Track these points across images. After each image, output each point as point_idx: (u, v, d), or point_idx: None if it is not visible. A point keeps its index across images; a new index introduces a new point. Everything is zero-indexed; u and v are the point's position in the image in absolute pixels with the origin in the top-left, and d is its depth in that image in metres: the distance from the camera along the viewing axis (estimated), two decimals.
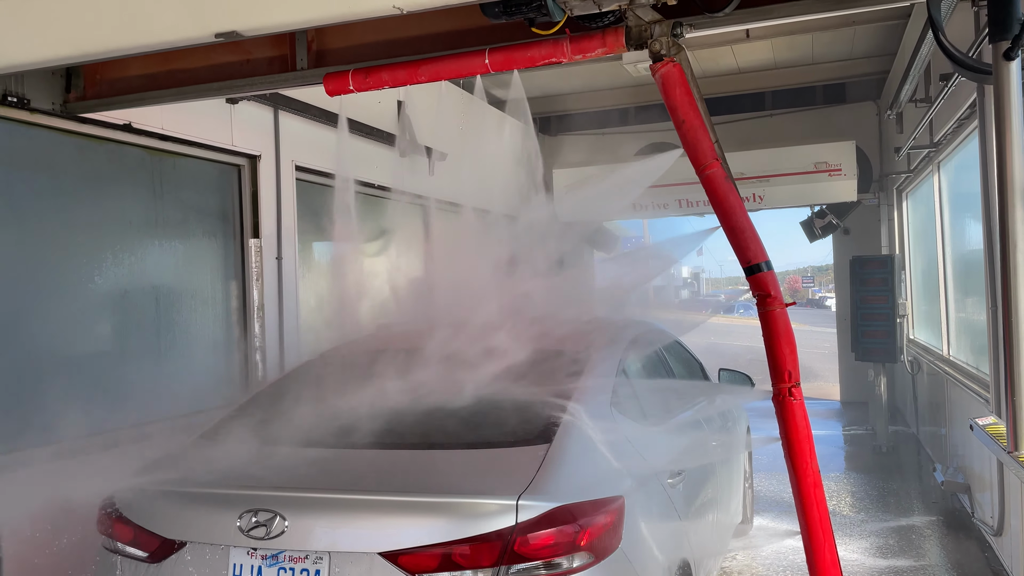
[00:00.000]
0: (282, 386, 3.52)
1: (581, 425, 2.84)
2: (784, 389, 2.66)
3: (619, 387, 3.25)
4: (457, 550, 2.33)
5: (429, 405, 3.32)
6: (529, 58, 3.15)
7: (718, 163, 2.84)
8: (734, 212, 2.80)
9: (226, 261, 5.88)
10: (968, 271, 6.79)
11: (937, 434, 7.62)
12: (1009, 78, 2.46)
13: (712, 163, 2.84)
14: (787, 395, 2.65)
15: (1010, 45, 2.48)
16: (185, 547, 2.56)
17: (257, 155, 5.96)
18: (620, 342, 3.58)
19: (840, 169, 9.75)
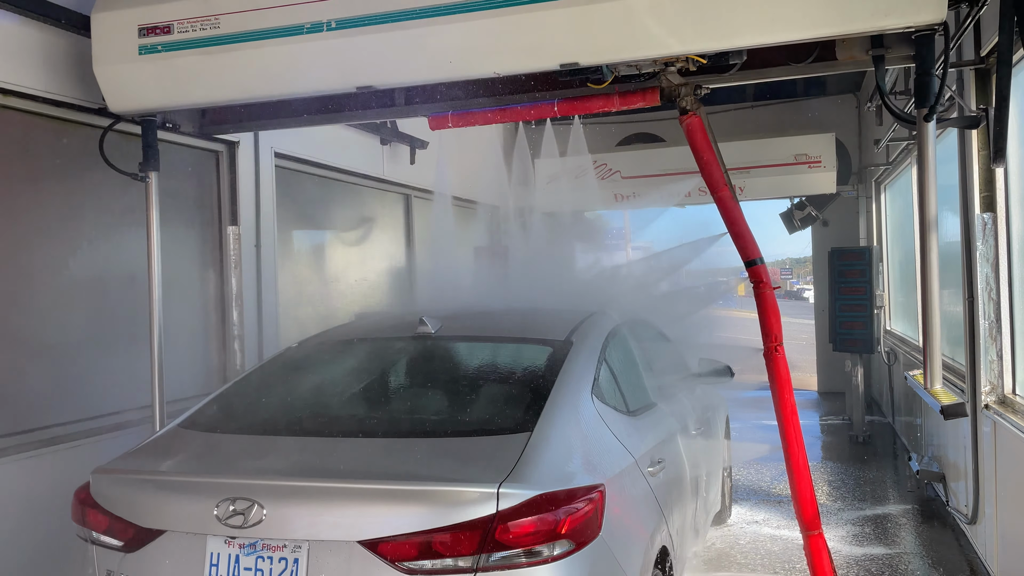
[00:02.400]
0: (260, 374, 3.49)
1: (562, 414, 2.84)
2: (772, 347, 3.61)
3: (600, 376, 3.24)
4: (437, 538, 2.31)
5: (411, 394, 3.31)
6: (587, 106, 3.99)
7: (727, 188, 3.78)
8: (737, 222, 3.74)
9: (204, 249, 5.81)
10: (944, 264, 6.86)
11: (912, 424, 7.72)
12: (927, 131, 3.39)
13: (723, 188, 3.79)
14: (774, 351, 3.61)
15: (928, 111, 3.37)
16: (161, 536, 2.53)
17: (235, 141, 5.88)
18: (601, 331, 3.57)
19: (820, 161, 9.82)
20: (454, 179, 9.51)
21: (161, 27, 4.11)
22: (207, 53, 4.07)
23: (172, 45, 4.11)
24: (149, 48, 4.16)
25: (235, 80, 4.12)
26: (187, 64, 4.11)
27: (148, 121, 4.66)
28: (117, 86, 4.35)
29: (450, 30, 3.66)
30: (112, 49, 4.27)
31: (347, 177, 7.56)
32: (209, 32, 4.03)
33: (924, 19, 3.23)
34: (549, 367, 3.12)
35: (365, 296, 8.12)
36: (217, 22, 4.02)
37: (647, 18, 3.46)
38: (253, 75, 4.06)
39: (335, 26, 3.82)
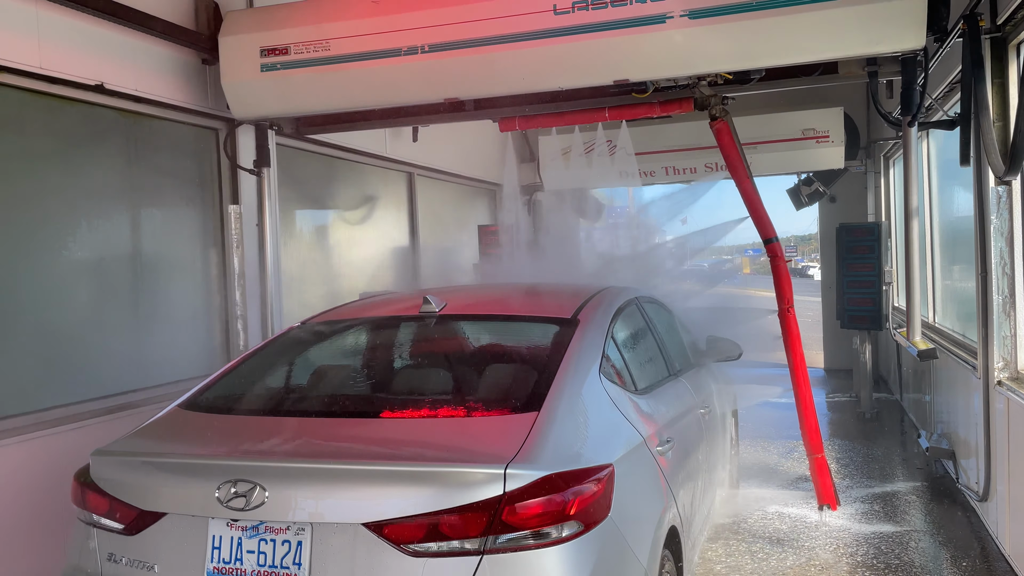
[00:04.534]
0: (262, 355, 3.43)
1: (570, 392, 2.77)
2: (785, 309, 4.80)
3: (608, 354, 3.18)
4: (444, 520, 2.26)
5: (416, 374, 3.25)
6: (633, 112, 4.94)
7: (749, 180, 4.81)
8: (757, 207, 4.79)
9: (205, 228, 5.74)
10: (956, 239, 6.77)
11: (921, 401, 7.66)
12: (910, 135, 4.55)
13: (746, 180, 4.82)
14: (787, 312, 4.80)
15: (911, 118, 4.43)
16: (162, 519, 2.48)
17: (234, 119, 5.79)
18: (608, 309, 3.50)
19: (828, 136, 9.67)
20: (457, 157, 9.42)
21: (280, 49, 4.88)
22: (319, 71, 4.83)
23: (289, 64, 4.88)
24: (270, 66, 4.93)
25: (342, 93, 4.90)
26: (301, 80, 4.88)
27: (260, 126, 5.60)
28: (241, 97, 5.14)
29: (524, 53, 4.41)
30: (238, 66, 5.04)
31: (349, 155, 7.47)
32: (321, 53, 4.80)
33: (908, 46, 4.05)
34: (556, 346, 3.06)
35: (368, 275, 8.06)
36: (328, 45, 4.79)
37: (688, 45, 4.22)
38: (357, 89, 4.84)
39: (428, 49, 4.57)
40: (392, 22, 4.64)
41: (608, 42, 4.28)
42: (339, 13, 4.81)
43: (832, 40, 4.08)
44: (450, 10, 4.53)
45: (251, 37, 4.97)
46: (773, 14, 4.06)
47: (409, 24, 4.61)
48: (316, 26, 4.82)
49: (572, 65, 4.42)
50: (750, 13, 4.07)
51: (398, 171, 8.58)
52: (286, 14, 5.00)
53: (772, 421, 8.12)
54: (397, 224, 8.69)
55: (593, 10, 4.28)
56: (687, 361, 4.62)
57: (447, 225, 10.04)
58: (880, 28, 4.02)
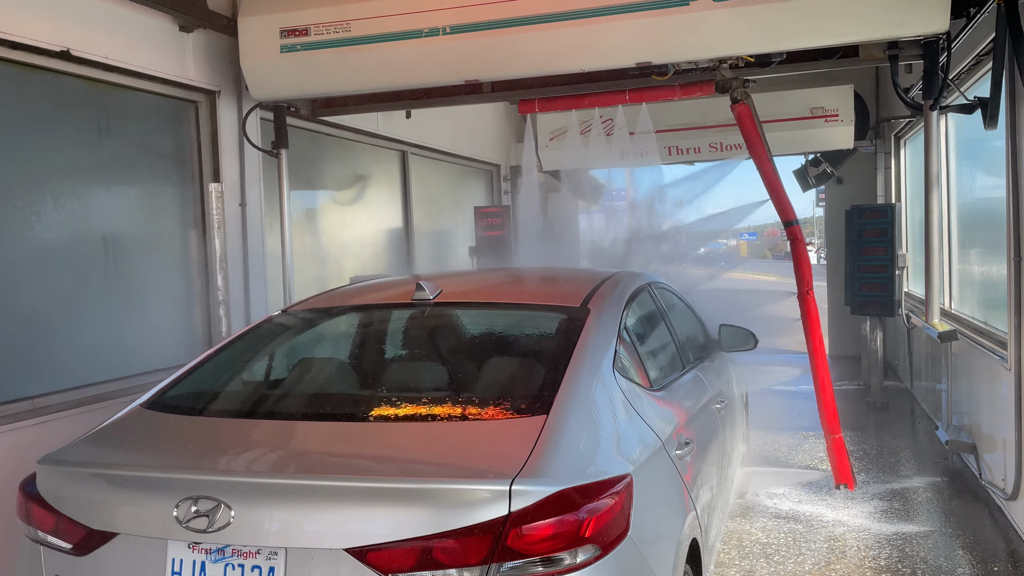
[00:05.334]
0: (238, 346, 3.09)
1: (581, 392, 2.45)
2: (805, 291, 4.78)
3: (622, 346, 2.86)
4: (438, 545, 1.93)
5: (407, 371, 2.92)
6: (654, 95, 4.89)
7: (770, 163, 4.74)
8: (778, 190, 4.76)
9: (184, 207, 5.39)
10: (975, 222, 6.45)
11: (934, 389, 7.37)
12: (931, 118, 4.48)
13: (767, 163, 4.74)
14: (807, 294, 4.78)
15: (932, 101, 4.42)
16: (115, 539, 2.15)
17: (216, 91, 5.43)
18: (621, 297, 3.17)
19: (837, 114, 9.29)
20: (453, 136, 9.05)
21: (300, 30, 4.83)
22: (340, 52, 4.79)
23: (310, 45, 4.83)
24: (290, 47, 4.89)
25: (362, 74, 4.86)
26: (322, 61, 4.85)
27: (279, 107, 5.54)
28: (261, 78, 5.08)
29: (546, 35, 4.40)
30: (257, 47, 4.98)
31: (338, 132, 7.10)
32: (342, 35, 4.76)
33: (931, 29, 4.02)
34: (564, 338, 2.73)
35: (359, 258, 7.71)
36: (348, 26, 4.74)
37: (711, 27, 4.21)
38: (378, 70, 4.81)
39: (449, 31, 4.54)
40: (414, 3, 4.62)
41: (632, 24, 4.26)
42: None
43: (855, 23, 4.07)
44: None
45: (271, 18, 4.91)
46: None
47: (431, 5, 4.58)
48: (337, 7, 4.77)
49: (595, 47, 4.38)
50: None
51: (391, 149, 8.22)
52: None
53: (782, 410, 7.83)
54: (390, 205, 8.33)
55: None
56: (701, 351, 4.30)
57: (442, 206, 9.68)
58: (904, 11, 3.99)
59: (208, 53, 5.33)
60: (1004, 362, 4.72)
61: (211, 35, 5.31)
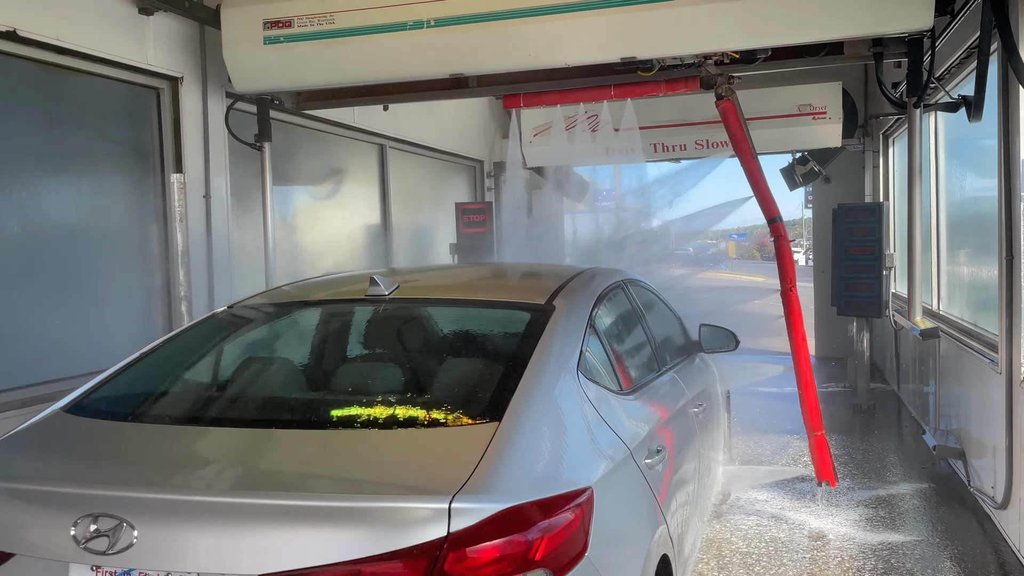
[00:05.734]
0: (173, 345, 2.86)
1: (539, 397, 2.24)
2: (788, 288, 4.78)
3: (588, 347, 2.65)
4: (368, 570, 1.72)
5: (351, 373, 2.70)
6: (639, 91, 4.90)
7: (754, 160, 4.75)
8: (762, 187, 4.78)
9: (143, 199, 5.16)
10: (964, 222, 6.29)
11: (921, 392, 7.21)
12: (915, 115, 4.59)
13: (751, 160, 4.74)
14: (790, 291, 4.78)
15: (916, 99, 4.53)
16: (11, 560, 1.93)
17: (178, 77, 5.20)
18: (590, 294, 2.96)
19: (825, 112, 9.13)
20: (434, 130, 8.84)
21: (283, 21, 4.79)
22: (323, 44, 4.74)
23: (293, 37, 4.79)
24: (273, 39, 4.84)
25: (346, 67, 4.82)
26: (305, 53, 4.80)
27: (262, 99, 5.50)
28: (243, 70, 5.01)
29: (531, 28, 4.37)
30: (240, 39, 4.93)
31: (314, 124, 6.88)
32: (326, 27, 4.71)
33: (915, 26, 4.04)
34: (525, 338, 2.52)
35: (334, 253, 7.49)
36: (332, 18, 4.68)
37: (696, 22, 4.20)
38: (362, 63, 4.76)
39: (434, 24, 4.50)
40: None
41: (617, 18, 4.25)
42: None
43: (839, 19, 4.08)
44: None
45: (254, 9, 4.86)
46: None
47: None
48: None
49: (579, 42, 4.38)
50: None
51: (368, 143, 7.99)
52: None
53: (767, 411, 7.66)
54: (367, 200, 8.11)
55: None
56: (680, 352, 4.11)
57: (422, 202, 9.47)
58: (888, 8, 3.98)
59: (171, 37, 5.11)
60: (994, 365, 4.55)
61: (174, 18, 5.09)
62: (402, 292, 2.89)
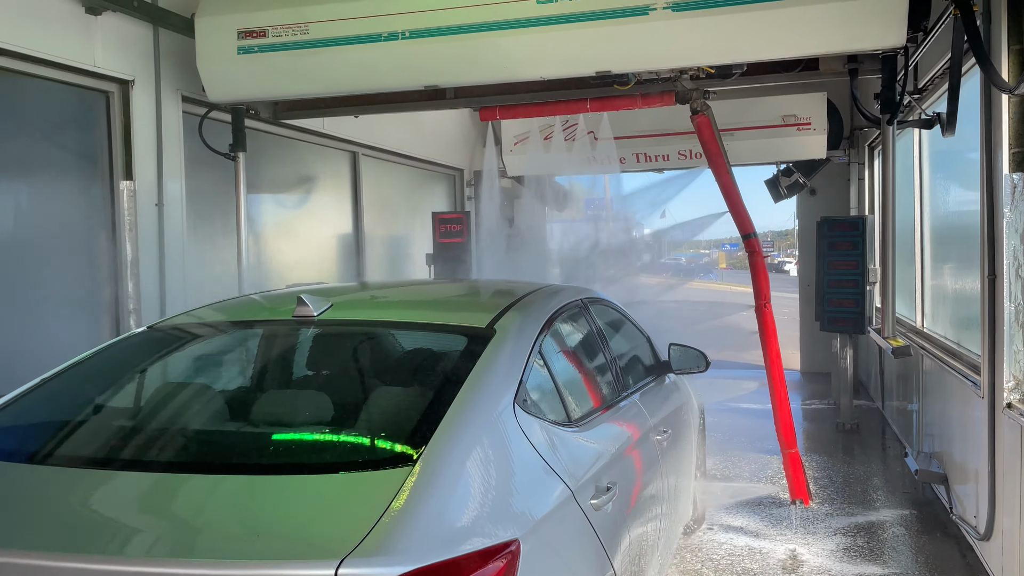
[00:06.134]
0: (75, 372, 2.59)
1: (466, 434, 2.02)
2: (762, 304, 4.81)
3: (530, 377, 2.42)
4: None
5: (259, 405, 2.45)
6: (614, 104, 4.95)
7: (728, 175, 4.81)
8: (736, 202, 4.81)
9: (90, 207, 4.92)
10: (950, 236, 6.10)
11: (905, 410, 7.01)
12: (889, 132, 4.57)
13: (725, 174, 4.81)
14: (763, 307, 4.80)
15: (889, 117, 4.46)
16: None
17: (129, 80, 4.97)
18: (539, 315, 2.74)
19: (809, 123, 8.98)
20: (409, 137, 8.62)
21: (258, 31, 4.76)
22: (297, 55, 4.73)
23: (267, 47, 4.76)
24: (247, 49, 4.80)
25: (320, 77, 4.81)
26: (279, 63, 4.78)
27: (237, 109, 5.43)
28: (217, 80, 4.98)
29: (506, 41, 4.36)
30: (214, 49, 4.88)
31: (282, 130, 6.65)
32: (300, 37, 4.69)
33: (888, 43, 4.05)
34: (457, 367, 2.29)
35: (304, 264, 7.25)
36: (307, 28, 4.67)
37: (670, 37, 4.20)
38: (336, 74, 4.76)
39: (408, 35, 4.49)
40: (373, 7, 4.56)
41: (591, 33, 4.25)
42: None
43: (812, 36, 4.10)
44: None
45: (228, 19, 4.82)
46: (754, 8, 4.05)
47: (390, 9, 4.52)
48: (295, 9, 4.70)
49: (554, 55, 4.38)
50: (732, 7, 4.07)
51: (339, 150, 7.77)
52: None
53: (744, 430, 7.44)
54: (338, 209, 7.87)
55: (576, 0, 4.23)
56: (646, 373, 3.89)
57: (398, 211, 9.24)
58: (860, 25, 3.99)
59: (121, 38, 4.88)
60: (977, 388, 4.35)
61: (124, 19, 4.86)
62: (334, 312, 2.66)
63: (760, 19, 4.07)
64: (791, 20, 4.05)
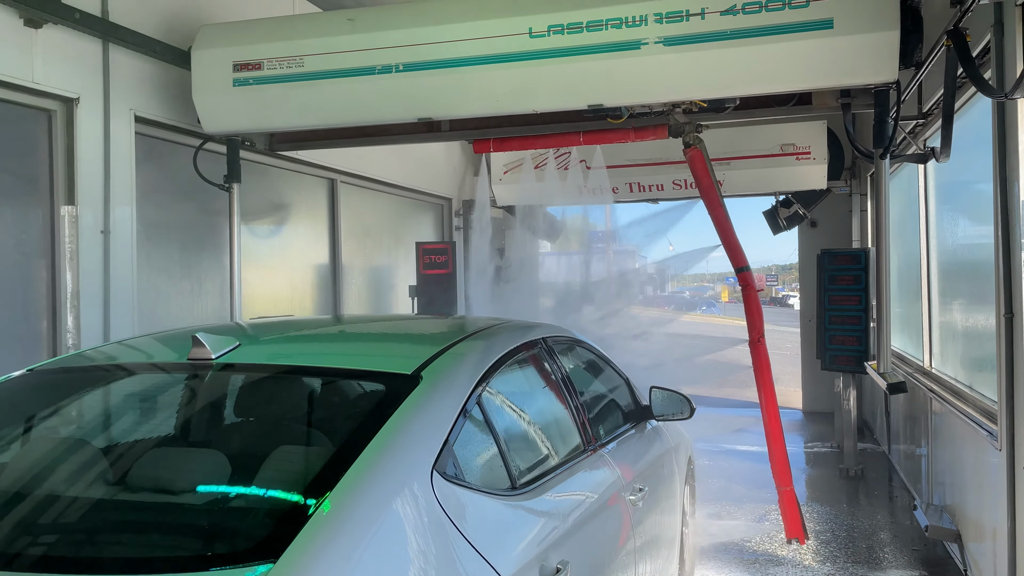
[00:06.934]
0: None
1: (357, 515, 1.60)
2: (756, 339, 4.72)
3: (462, 435, 2.01)
4: None
5: (110, 474, 2.01)
6: (608, 138, 4.96)
7: (721, 208, 4.76)
8: (729, 235, 4.75)
9: (26, 234, 4.54)
10: (960, 271, 5.70)
11: (913, 455, 6.55)
12: (883, 166, 4.54)
13: (718, 208, 4.76)
14: (757, 342, 4.71)
15: (882, 151, 4.43)
16: None
17: (74, 98, 4.62)
18: (483, 359, 2.32)
19: (809, 152, 8.62)
20: (393, 165, 8.28)
21: (253, 64, 4.79)
22: (292, 87, 4.77)
23: (262, 79, 4.79)
24: (242, 81, 4.83)
25: (315, 110, 4.83)
26: (274, 95, 4.81)
27: (232, 141, 5.47)
28: (212, 112, 5.01)
29: (499, 75, 4.41)
30: (209, 81, 4.91)
31: (255, 156, 6.29)
32: (295, 70, 4.74)
33: (880, 79, 4.07)
34: (365, 424, 1.87)
35: (274, 296, 6.86)
36: (302, 61, 4.71)
37: (662, 72, 4.22)
38: (330, 106, 4.79)
39: (402, 68, 4.55)
40: (367, 40, 4.61)
41: (583, 67, 4.29)
42: (314, 30, 4.75)
43: (804, 71, 4.11)
44: (425, 30, 4.50)
45: (224, 51, 4.87)
46: (745, 43, 4.06)
47: (384, 43, 4.57)
48: (290, 42, 4.75)
49: (547, 89, 4.42)
50: (724, 42, 4.08)
51: (316, 177, 7.42)
52: (261, 29, 4.93)
53: (741, 475, 6.97)
54: (313, 238, 7.50)
55: (568, 34, 4.27)
56: (622, 421, 3.47)
57: (380, 241, 8.87)
58: (852, 60, 4.00)
59: (65, 54, 4.54)
60: (993, 439, 3.91)
61: (68, 32, 4.53)
62: (238, 354, 2.25)
63: (751, 54, 4.07)
64: (782, 55, 4.04)
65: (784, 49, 4.02)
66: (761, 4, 4.05)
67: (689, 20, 4.13)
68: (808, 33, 3.96)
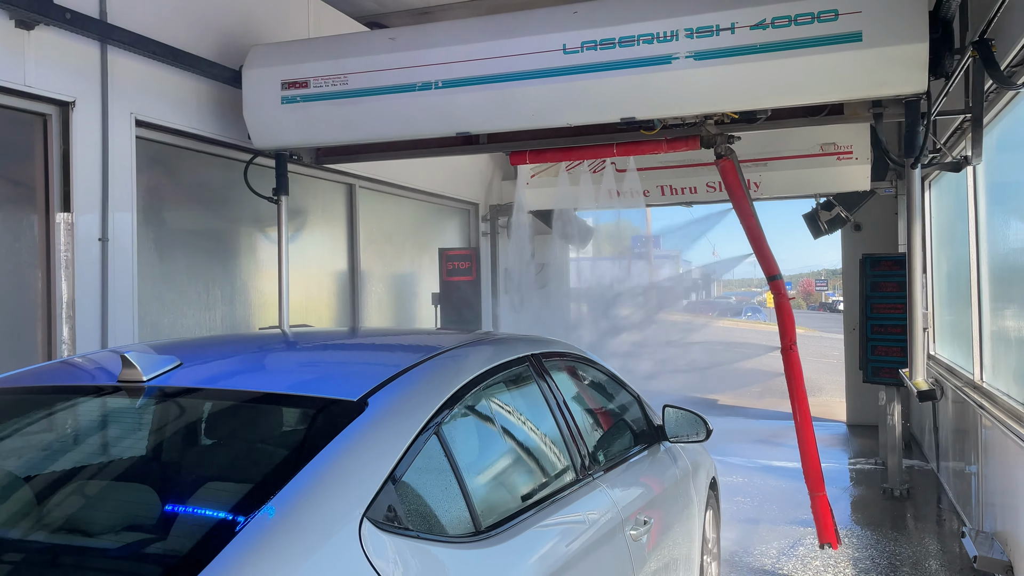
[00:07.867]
0: None
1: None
2: (787, 346, 4.79)
3: (410, 473, 1.74)
4: None
5: (27, 504, 1.80)
6: (641, 149, 5.07)
7: (753, 217, 4.85)
8: (761, 243, 4.85)
9: (19, 242, 4.41)
10: (1013, 276, 5.25)
11: (963, 473, 6.09)
12: (914, 175, 4.52)
13: (750, 217, 4.84)
14: (789, 349, 4.78)
15: (913, 160, 4.41)
16: None
17: (70, 102, 4.49)
18: (443, 385, 2.04)
19: (851, 152, 8.16)
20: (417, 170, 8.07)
21: (300, 82, 5.01)
22: (337, 104, 4.96)
23: (309, 97, 5.01)
24: (290, 99, 5.05)
25: (358, 125, 5.03)
26: (320, 112, 5.02)
27: (281, 155, 5.67)
28: (262, 128, 5.22)
29: (534, 91, 4.54)
30: (259, 98, 5.12)
31: (263, 160, 6.12)
32: (339, 87, 4.94)
33: (911, 89, 4.07)
34: (287, 461, 1.62)
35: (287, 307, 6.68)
36: (346, 80, 4.92)
37: (693, 85, 4.28)
38: (373, 122, 4.98)
39: (441, 85, 4.72)
40: (408, 58, 4.78)
41: (616, 81, 4.37)
42: (357, 49, 4.96)
43: (834, 83, 4.14)
44: (463, 48, 4.65)
45: (273, 71, 5.07)
46: (776, 56, 4.10)
47: (424, 61, 4.73)
48: (335, 61, 4.94)
49: (580, 103, 4.51)
50: (753, 55, 4.12)
51: (333, 182, 7.24)
52: (307, 49, 5.15)
53: (777, 495, 6.58)
54: (330, 245, 7.32)
55: (601, 50, 4.38)
56: (627, 447, 3.16)
57: (403, 247, 8.67)
58: (882, 72, 4.02)
59: (60, 56, 4.41)
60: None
61: (62, 34, 4.40)
62: (175, 375, 2.02)
63: (781, 67, 4.11)
64: (811, 68, 4.08)
65: (814, 62, 4.06)
66: (790, 18, 4.08)
67: (719, 35, 4.18)
68: (837, 46, 4.00)
